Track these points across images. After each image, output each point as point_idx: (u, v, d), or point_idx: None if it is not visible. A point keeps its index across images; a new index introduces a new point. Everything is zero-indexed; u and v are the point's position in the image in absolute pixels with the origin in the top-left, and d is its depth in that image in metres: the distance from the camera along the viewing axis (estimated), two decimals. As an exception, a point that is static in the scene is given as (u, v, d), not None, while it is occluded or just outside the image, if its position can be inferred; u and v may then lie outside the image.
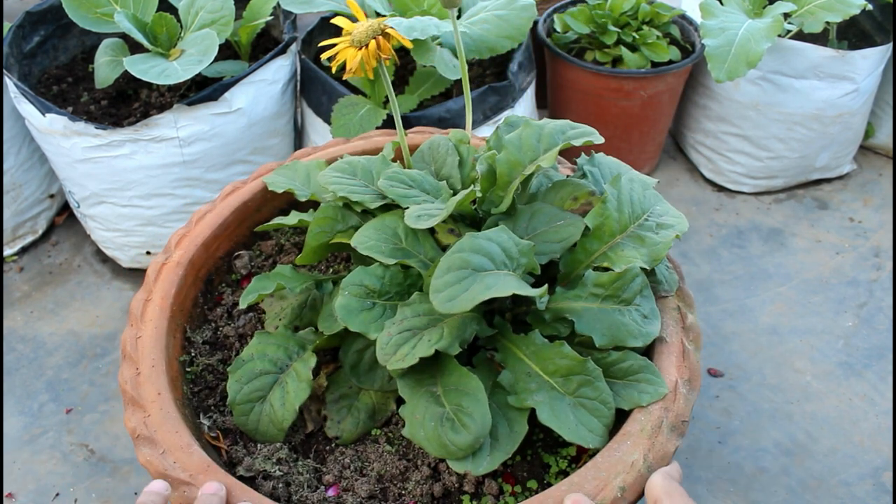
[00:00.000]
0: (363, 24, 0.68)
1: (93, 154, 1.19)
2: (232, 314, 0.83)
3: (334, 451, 0.72)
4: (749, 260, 1.45)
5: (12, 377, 1.24)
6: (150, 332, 0.71)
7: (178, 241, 0.81)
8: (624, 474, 0.59)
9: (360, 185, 0.74)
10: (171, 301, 0.75)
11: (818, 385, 1.22)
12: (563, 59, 1.44)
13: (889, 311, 1.34)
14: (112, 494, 1.08)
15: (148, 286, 0.76)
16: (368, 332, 0.65)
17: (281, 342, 0.73)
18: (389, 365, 0.62)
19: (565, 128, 0.71)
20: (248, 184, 0.88)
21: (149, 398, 0.66)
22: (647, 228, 0.71)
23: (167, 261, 0.78)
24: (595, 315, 0.67)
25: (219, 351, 0.79)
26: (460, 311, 0.58)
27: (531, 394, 0.63)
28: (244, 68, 1.27)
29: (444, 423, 0.61)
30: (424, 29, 1.06)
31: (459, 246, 0.61)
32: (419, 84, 1.26)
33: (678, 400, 0.65)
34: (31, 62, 1.36)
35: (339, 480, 0.69)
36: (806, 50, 1.36)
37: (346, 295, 0.66)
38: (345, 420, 0.73)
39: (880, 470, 1.10)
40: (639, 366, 0.66)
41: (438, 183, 0.74)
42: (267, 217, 0.90)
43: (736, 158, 1.56)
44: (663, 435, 0.63)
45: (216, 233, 0.83)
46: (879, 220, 1.54)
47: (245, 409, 0.70)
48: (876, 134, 1.67)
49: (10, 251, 1.44)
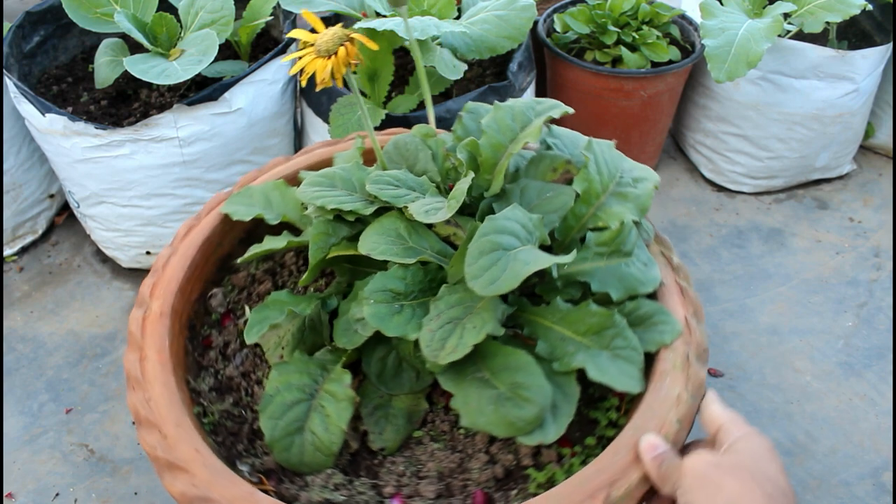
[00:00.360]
0: (327, 33, 0.67)
1: (93, 154, 1.19)
2: (226, 354, 0.80)
3: (384, 463, 0.71)
4: (749, 260, 1.45)
5: (12, 377, 1.24)
6: (160, 391, 0.67)
7: (150, 290, 0.76)
8: (675, 408, 0.63)
9: (344, 194, 0.74)
10: (168, 355, 0.71)
11: (818, 385, 1.22)
12: (563, 59, 1.44)
13: (889, 311, 1.34)
14: (112, 494, 1.08)
15: (136, 343, 0.71)
16: (407, 335, 0.64)
17: (302, 368, 0.71)
18: (440, 359, 0.62)
19: (532, 104, 0.75)
20: (204, 219, 0.84)
21: (188, 459, 0.62)
22: (625, 185, 0.75)
23: (147, 314, 0.73)
24: (605, 272, 0.71)
25: (228, 394, 0.76)
26: (507, 290, 0.59)
27: (572, 356, 0.66)
28: (244, 68, 1.27)
29: (504, 404, 0.62)
30: (424, 29, 1.06)
31: (483, 230, 0.61)
32: (419, 84, 1.26)
33: (693, 332, 0.70)
34: (31, 62, 1.36)
35: (400, 489, 0.68)
36: (806, 50, 1.36)
37: (372, 303, 0.65)
38: (385, 430, 0.72)
39: (880, 470, 1.10)
40: (652, 310, 0.70)
41: (420, 179, 0.74)
42: (229, 250, 0.86)
43: (736, 158, 1.56)
44: (693, 366, 0.67)
45: (187, 275, 0.78)
46: (879, 220, 1.54)
47: (285, 444, 0.67)
48: (876, 134, 1.67)
49: (10, 251, 1.44)
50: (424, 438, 0.73)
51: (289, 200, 0.82)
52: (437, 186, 0.76)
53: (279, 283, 0.86)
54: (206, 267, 0.83)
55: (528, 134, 0.71)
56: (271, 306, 0.73)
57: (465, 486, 0.68)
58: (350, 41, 0.67)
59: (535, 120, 0.73)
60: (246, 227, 0.86)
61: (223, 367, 0.78)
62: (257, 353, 0.80)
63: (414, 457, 0.71)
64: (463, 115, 0.79)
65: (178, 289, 0.76)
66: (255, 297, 0.85)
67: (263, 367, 0.78)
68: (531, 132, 0.71)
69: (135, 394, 0.67)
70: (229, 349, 0.80)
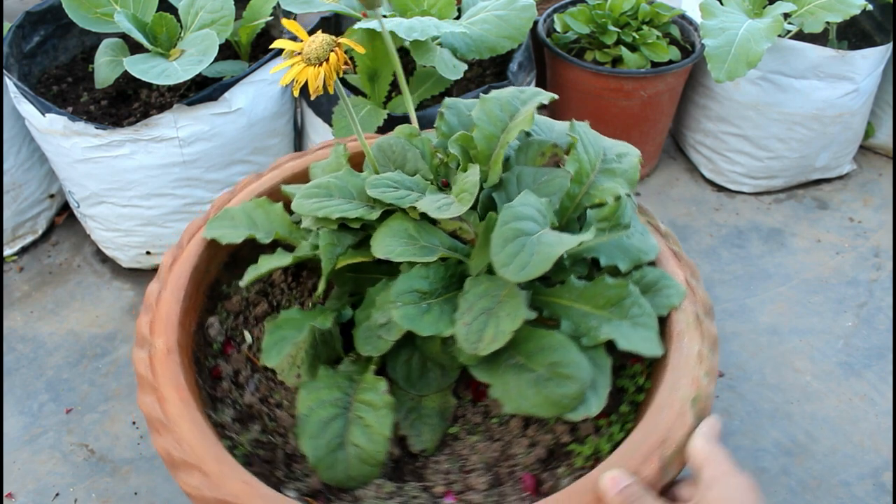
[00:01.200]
0: (315, 40, 0.66)
1: (93, 154, 1.19)
2: (238, 383, 0.78)
3: (428, 464, 0.71)
4: (749, 260, 1.45)
5: (12, 377, 1.24)
6: (190, 429, 0.64)
7: (149, 328, 0.73)
8: (699, 365, 0.67)
9: (344, 202, 0.73)
10: (188, 391, 0.68)
11: (818, 385, 1.22)
12: (563, 59, 1.44)
13: (889, 311, 1.34)
14: (112, 494, 1.08)
15: (149, 385, 0.69)
16: (441, 332, 0.65)
17: (330, 383, 0.70)
18: (480, 350, 0.62)
19: (516, 93, 0.76)
20: (187, 247, 0.81)
21: (239, 493, 0.61)
22: (611, 161, 0.77)
23: (153, 353, 0.71)
24: (610, 245, 0.74)
25: (252, 423, 0.73)
26: (539, 273, 0.59)
27: (597, 330, 0.67)
28: (244, 68, 1.27)
29: (545, 385, 0.63)
30: (424, 29, 1.06)
31: (503, 219, 0.62)
32: (419, 84, 1.26)
33: (697, 292, 0.74)
34: (31, 62, 1.36)
35: (450, 487, 0.68)
36: (806, 50, 1.36)
37: (400, 306, 0.65)
38: (422, 431, 0.72)
39: (880, 470, 1.10)
40: (656, 276, 0.74)
41: (415, 178, 0.74)
42: (216, 276, 0.84)
43: (736, 158, 1.56)
44: (705, 322, 0.71)
45: (184, 307, 0.76)
46: (879, 220, 1.54)
47: (329, 461, 0.66)
48: (876, 134, 1.67)
49: (10, 251, 1.44)
50: (461, 433, 0.73)
51: (275, 217, 0.81)
52: (433, 183, 0.77)
53: (274, 303, 0.85)
54: (198, 296, 0.81)
55: (521, 122, 0.72)
56: (285, 326, 0.71)
57: (511, 472, 0.69)
58: (339, 46, 0.67)
59: (521, 108, 0.74)
60: (229, 250, 0.84)
61: (239, 396, 0.76)
62: (269, 376, 0.78)
63: (455, 453, 0.72)
64: (444, 112, 0.80)
65: (178, 322, 0.74)
66: (253, 320, 0.83)
67: (280, 390, 0.77)
68: (524, 120, 0.72)
69: (162, 437, 0.64)
70: (241, 377, 0.78)
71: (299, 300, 0.85)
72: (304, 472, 0.70)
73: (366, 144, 0.78)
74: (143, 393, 0.68)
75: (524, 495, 0.68)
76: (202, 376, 0.76)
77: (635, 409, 0.72)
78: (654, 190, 1.62)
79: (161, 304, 0.75)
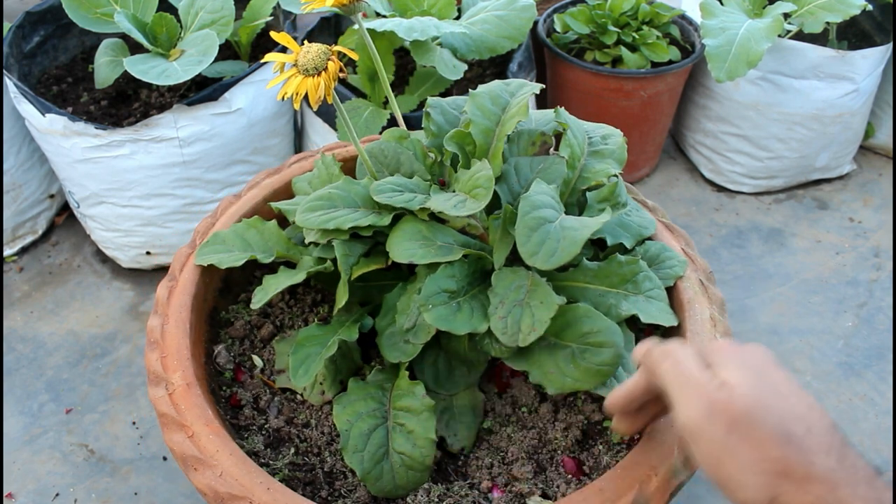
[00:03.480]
0: (310, 50, 0.65)
1: (93, 154, 1.19)
2: (259, 408, 0.76)
3: (469, 461, 0.72)
4: (749, 260, 1.45)
5: (12, 377, 1.25)
6: (230, 461, 0.62)
7: (161, 365, 0.71)
8: (714, 329, 0.71)
9: (350, 211, 0.72)
10: (218, 424, 0.66)
11: (818, 385, 1.22)
12: (563, 59, 1.44)
13: (889, 311, 1.34)
14: (112, 494, 1.08)
15: (177, 423, 0.66)
16: (477, 328, 0.65)
17: (362, 395, 0.70)
18: (521, 341, 0.63)
19: (502, 86, 0.78)
20: (181, 276, 0.79)
21: None
22: (597, 144, 0.79)
23: (173, 389, 0.69)
24: (613, 224, 0.77)
25: (284, 447, 0.73)
26: (568, 259, 0.60)
27: (617, 307, 0.69)
28: (244, 68, 1.27)
29: (582, 357, 0.64)
30: (424, 29, 1.06)
31: (523, 209, 0.63)
32: (419, 84, 1.26)
33: (695, 259, 0.78)
34: (31, 62, 1.36)
35: (494, 480, 0.69)
36: (806, 50, 1.36)
37: (431, 308, 0.65)
38: (458, 430, 0.72)
39: (880, 470, 1.10)
40: (657, 249, 0.78)
41: (414, 180, 0.75)
42: (214, 304, 0.83)
43: (736, 158, 1.56)
44: (710, 287, 0.75)
45: (192, 339, 0.74)
46: (879, 220, 1.54)
47: (377, 472, 0.66)
48: (876, 134, 1.67)
49: (10, 251, 1.44)
50: (494, 426, 0.74)
51: (270, 236, 0.80)
52: (431, 184, 0.77)
53: (277, 324, 0.84)
54: (201, 326, 0.80)
55: (515, 113, 0.73)
56: (307, 343, 0.71)
57: (552, 457, 0.71)
58: (334, 54, 0.66)
59: (512, 100, 0.75)
60: (222, 276, 0.83)
61: (264, 421, 0.75)
62: (288, 398, 0.77)
63: (493, 446, 0.72)
64: (430, 112, 0.80)
65: (191, 355, 0.72)
66: (260, 343, 0.82)
67: (303, 410, 0.76)
68: (519, 111, 0.72)
69: (201, 474, 0.62)
70: (261, 402, 0.77)
71: (302, 317, 0.85)
72: (348, 487, 0.69)
73: (362, 150, 0.77)
74: (169, 431, 0.66)
75: (569, 478, 0.69)
76: (222, 406, 0.75)
77: None
78: (654, 190, 1.62)
79: (168, 338, 0.73)
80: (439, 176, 0.79)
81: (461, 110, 0.80)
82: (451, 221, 0.73)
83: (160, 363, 0.71)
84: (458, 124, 0.79)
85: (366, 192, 0.73)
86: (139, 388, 1.22)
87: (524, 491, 0.67)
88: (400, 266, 0.75)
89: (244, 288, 0.87)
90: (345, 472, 0.71)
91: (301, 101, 1.45)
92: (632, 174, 1.61)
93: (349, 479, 0.70)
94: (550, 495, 0.67)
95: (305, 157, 0.93)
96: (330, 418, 0.74)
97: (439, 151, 0.79)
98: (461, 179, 0.71)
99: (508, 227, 0.68)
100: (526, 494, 0.67)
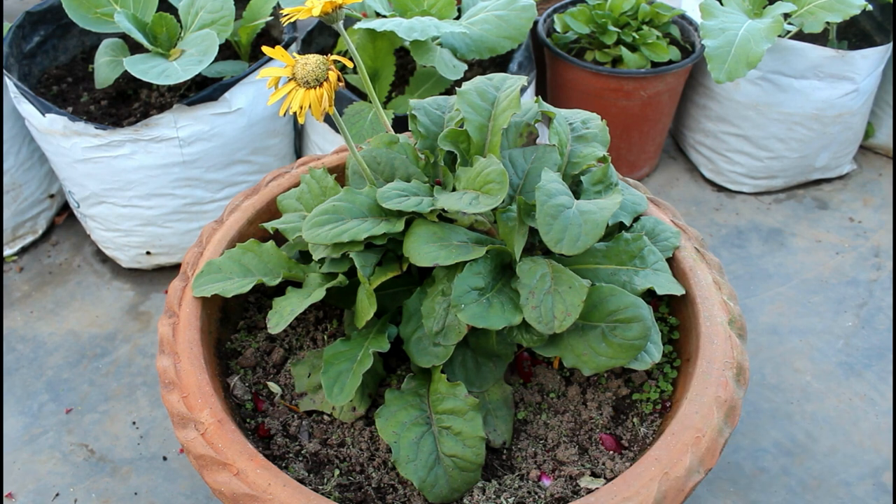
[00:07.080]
0: (308, 62, 0.65)
1: (93, 154, 1.19)
2: (290, 434, 0.75)
3: (513, 454, 0.72)
4: (749, 260, 1.46)
5: (12, 377, 1.25)
6: (288, 493, 0.62)
7: (185, 405, 0.69)
8: (719, 291, 0.74)
9: (360, 222, 0.72)
10: (262, 456, 0.65)
11: (818, 385, 1.22)
12: (563, 59, 1.44)
13: (889, 311, 1.34)
14: (112, 494, 1.08)
15: (216, 462, 0.65)
16: (511, 322, 0.66)
17: (403, 404, 0.70)
18: (557, 327, 0.64)
19: (486, 82, 0.79)
20: (182, 311, 0.77)
21: None
22: (579, 129, 0.80)
23: (205, 429, 0.67)
24: None
25: (325, 470, 0.72)
26: (593, 242, 0.62)
27: (630, 283, 0.72)
28: (244, 68, 1.27)
29: (612, 334, 0.66)
30: (424, 30, 1.06)
31: (540, 199, 0.64)
32: (419, 84, 1.26)
33: (686, 229, 0.82)
34: (31, 62, 1.36)
35: (540, 468, 0.70)
36: (806, 50, 1.36)
37: (464, 307, 0.65)
38: (497, 425, 0.73)
39: (880, 470, 1.10)
40: (651, 223, 0.80)
41: (413, 184, 0.75)
42: (220, 335, 0.82)
43: (736, 158, 1.56)
44: (706, 253, 0.79)
45: (209, 374, 0.73)
46: (879, 220, 1.54)
47: (432, 479, 0.66)
48: (876, 134, 1.67)
49: (10, 251, 1.44)
50: (528, 416, 0.75)
51: (270, 257, 0.80)
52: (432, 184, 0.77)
53: (286, 346, 0.83)
54: (212, 360, 0.78)
55: (507, 106, 0.74)
56: (336, 361, 0.71)
57: (591, 436, 0.72)
58: (333, 63, 0.66)
59: (499, 94, 0.76)
60: (220, 305, 0.82)
61: (299, 447, 0.74)
62: (315, 419, 0.76)
63: (532, 435, 0.73)
64: (415, 114, 0.80)
65: (213, 391, 0.70)
66: (273, 370, 0.82)
67: (334, 430, 0.75)
68: (510, 104, 0.74)
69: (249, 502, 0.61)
70: (290, 429, 0.76)
71: (308, 336, 0.84)
72: (401, 499, 0.69)
73: (361, 160, 0.77)
74: (211, 473, 0.64)
75: (611, 454, 0.70)
76: (251, 438, 0.73)
77: (676, 348, 0.77)
78: (654, 190, 1.62)
79: (184, 377, 0.71)
80: (434, 177, 0.79)
81: (444, 110, 0.80)
82: (459, 220, 0.73)
83: (183, 403, 0.69)
84: (443, 124, 0.79)
85: (370, 200, 0.72)
86: (139, 388, 1.22)
87: (574, 473, 0.68)
88: (409, 271, 0.75)
89: (241, 315, 0.86)
90: (393, 484, 0.70)
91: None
92: (632, 174, 1.61)
93: (400, 491, 0.69)
94: (599, 473, 0.68)
95: (282, 174, 0.92)
96: (364, 434, 0.74)
97: (431, 152, 0.79)
98: (463, 177, 0.71)
99: (524, 219, 0.68)
100: (576, 476, 0.68)
